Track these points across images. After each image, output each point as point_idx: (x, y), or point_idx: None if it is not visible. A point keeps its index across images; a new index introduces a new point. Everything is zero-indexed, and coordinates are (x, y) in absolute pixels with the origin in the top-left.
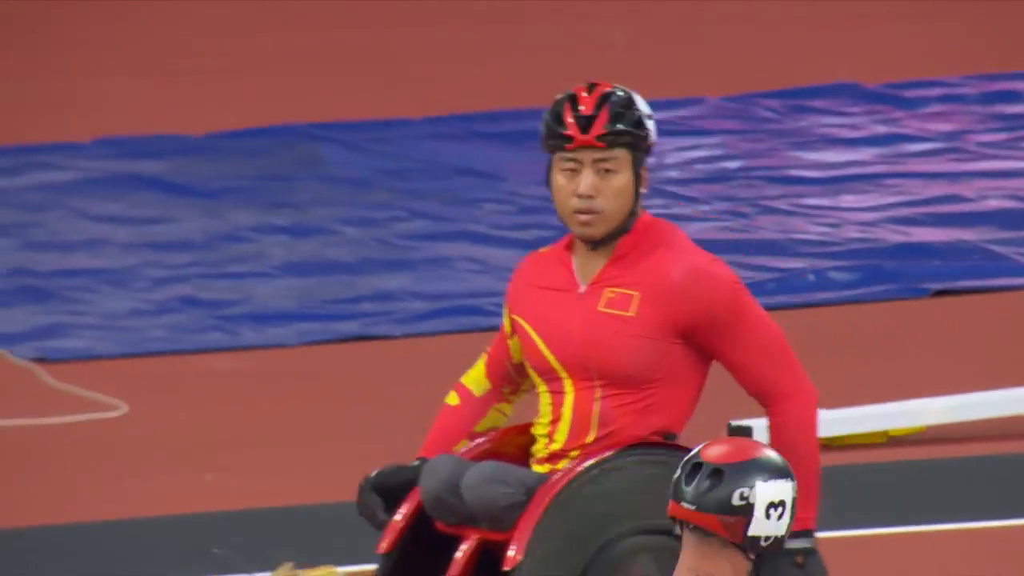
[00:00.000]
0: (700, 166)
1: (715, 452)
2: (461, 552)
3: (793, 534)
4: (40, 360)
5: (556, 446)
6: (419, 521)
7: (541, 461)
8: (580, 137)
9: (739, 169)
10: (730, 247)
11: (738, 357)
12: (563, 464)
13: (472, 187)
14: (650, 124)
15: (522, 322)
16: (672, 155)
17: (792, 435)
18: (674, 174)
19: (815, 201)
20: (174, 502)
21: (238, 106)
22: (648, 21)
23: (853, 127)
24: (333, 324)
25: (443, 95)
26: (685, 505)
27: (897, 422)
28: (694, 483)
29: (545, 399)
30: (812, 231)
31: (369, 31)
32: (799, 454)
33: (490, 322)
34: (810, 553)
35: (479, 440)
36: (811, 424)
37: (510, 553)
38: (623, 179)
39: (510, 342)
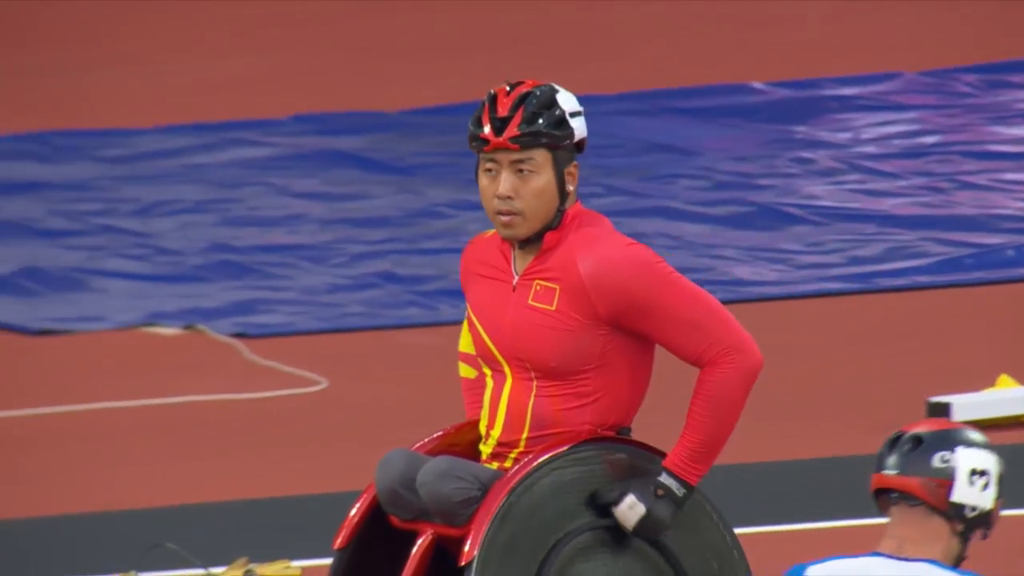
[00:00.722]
0: (897, 141)
1: (914, 426)
2: (416, 548)
3: (671, 474)
4: (240, 335)
5: (493, 440)
6: (374, 516)
7: (487, 460)
8: (494, 140)
9: (936, 144)
10: (927, 223)
11: (668, 334)
12: (510, 462)
13: (666, 163)
14: (575, 122)
15: (469, 310)
16: (868, 130)
17: (714, 389)
18: (871, 149)
19: (1014, 176)
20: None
21: (433, 83)
22: None
23: None
24: None
25: (636, 71)
26: (888, 472)
27: None
28: (895, 451)
29: (488, 387)
30: (1011, 206)
31: (563, 7)
32: (714, 406)
33: None
34: (671, 496)
35: (434, 435)
36: (737, 384)
37: (466, 548)
38: (542, 180)
39: None
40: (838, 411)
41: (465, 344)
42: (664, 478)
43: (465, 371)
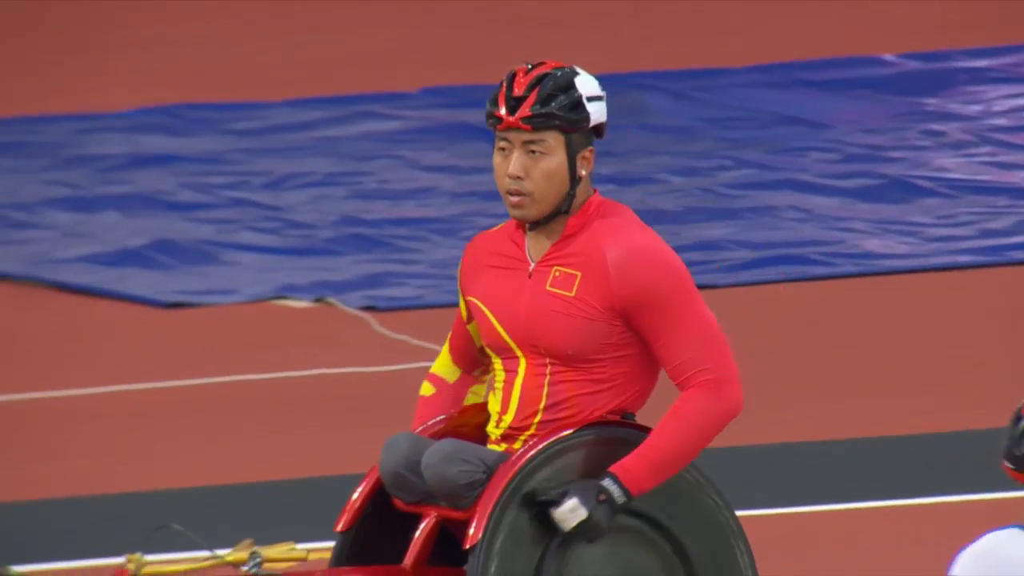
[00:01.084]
0: None
1: None
2: (420, 531)
3: (616, 481)
4: (370, 309)
5: (505, 424)
6: (378, 498)
7: (496, 442)
8: (507, 119)
9: None
10: None
11: (669, 344)
12: (518, 445)
13: (797, 135)
14: (593, 106)
15: (477, 302)
16: (1000, 103)
17: (696, 411)
18: (1002, 122)
19: None
20: None
21: (562, 56)
22: None
23: None
24: None
25: (766, 43)
26: (1007, 464)
27: None
28: (1011, 440)
29: (500, 375)
30: None
31: None
32: (691, 429)
33: (815, 271)
34: (611, 503)
35: (438, 418)
36: (720, 414)
37: (470, 532)
38: (553, 162)
39: (469, 327)
40: (969, 385)
41: (439, 366)
42: (608, 483)
43: (425, 388)
